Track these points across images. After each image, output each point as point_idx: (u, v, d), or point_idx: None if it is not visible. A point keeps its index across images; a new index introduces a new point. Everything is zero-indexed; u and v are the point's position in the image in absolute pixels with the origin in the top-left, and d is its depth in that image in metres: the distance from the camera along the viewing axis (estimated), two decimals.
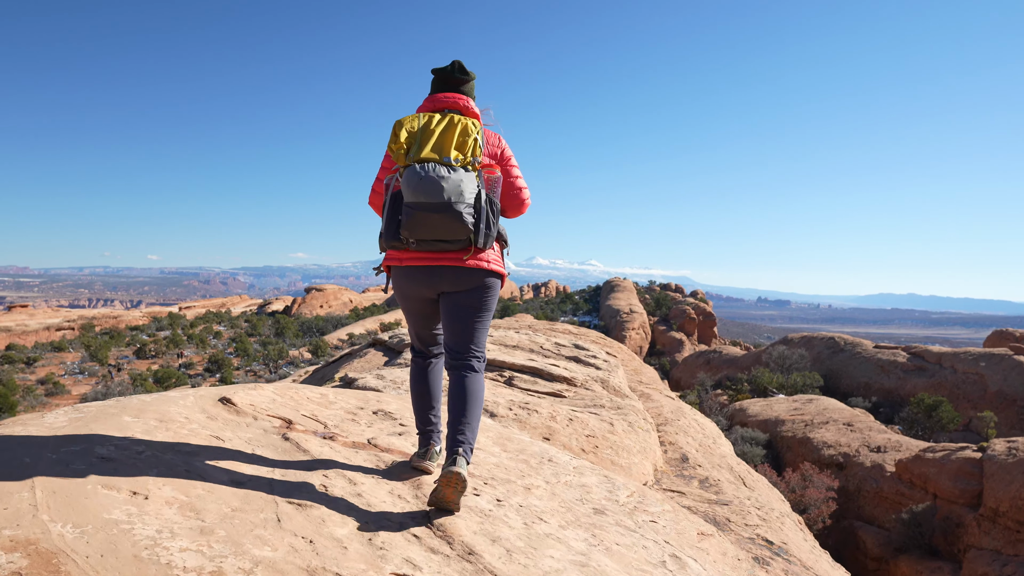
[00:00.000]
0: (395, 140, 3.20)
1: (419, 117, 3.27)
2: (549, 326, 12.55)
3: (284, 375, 57.32)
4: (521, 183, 3.58)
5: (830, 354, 44.25)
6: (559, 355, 7.88)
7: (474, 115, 3.46)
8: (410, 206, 3.12)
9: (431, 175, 3.07)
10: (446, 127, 3.22)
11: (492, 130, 3.56)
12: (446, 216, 3.09)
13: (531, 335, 8.72)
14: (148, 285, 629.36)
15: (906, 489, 18.41)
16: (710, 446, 6.35)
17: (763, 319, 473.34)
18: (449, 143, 3.18)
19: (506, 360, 6.80)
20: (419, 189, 3.07)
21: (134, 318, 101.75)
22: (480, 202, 3.19)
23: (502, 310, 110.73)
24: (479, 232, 3.18)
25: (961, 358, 34.60)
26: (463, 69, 3.52)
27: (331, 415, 4.31)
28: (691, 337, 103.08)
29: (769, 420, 26.30)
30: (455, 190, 3.08)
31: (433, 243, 3.20)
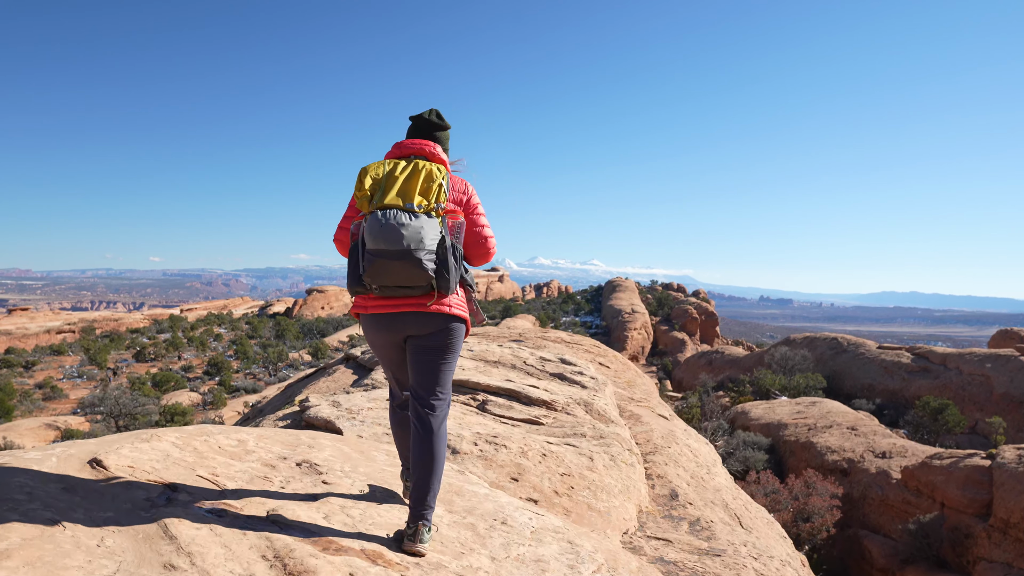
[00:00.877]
0: (359, 187, 3.29)
1: (384, 164, 3.36)
2: (541, 334, 12.01)
3: (283, 377, 57.03)
4: (487, 231, 3.57)
5: (833, 355, 43.76)
6: (543, 371, 7.42)
7: (440, 161, 3.49)
8: (372, 253, 3.16)
9: (391, 222, 3.12)
10: (410, 173, 3.28)
11: (460, 176, 3.58)
12: (406, 263, 3.13)
13: (515, 349, 8.26)
14: (150, 287, 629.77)
15: (912, 497, 17.88)
16: (703, 477, 5.80)
17: (765, 318, 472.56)
18: (413, 189, 3.24)
19: (481, 381, 6.30)
20: (380, 236, 3.12)
21: (135, 320, 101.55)
22: (442, 248, 3.22)
23: (504, 310, 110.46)
24: (441, 278, 3.21)
25: (966, 359, 34.04)
26: (439, 117, 3.61)
27: (241, 471, 3.62)
28: (693, 337, 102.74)
29: (771, 424, 25.84)
30: (415, 237, 3.12)
31: (395, 289, 3.24)
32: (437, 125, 3.59)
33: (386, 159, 3.48)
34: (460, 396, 6.07)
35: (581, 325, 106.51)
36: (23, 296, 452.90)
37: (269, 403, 8.09)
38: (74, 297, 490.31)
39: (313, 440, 4.38)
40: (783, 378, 38.99)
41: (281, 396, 8.04)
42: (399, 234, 3.09)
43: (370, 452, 4.44)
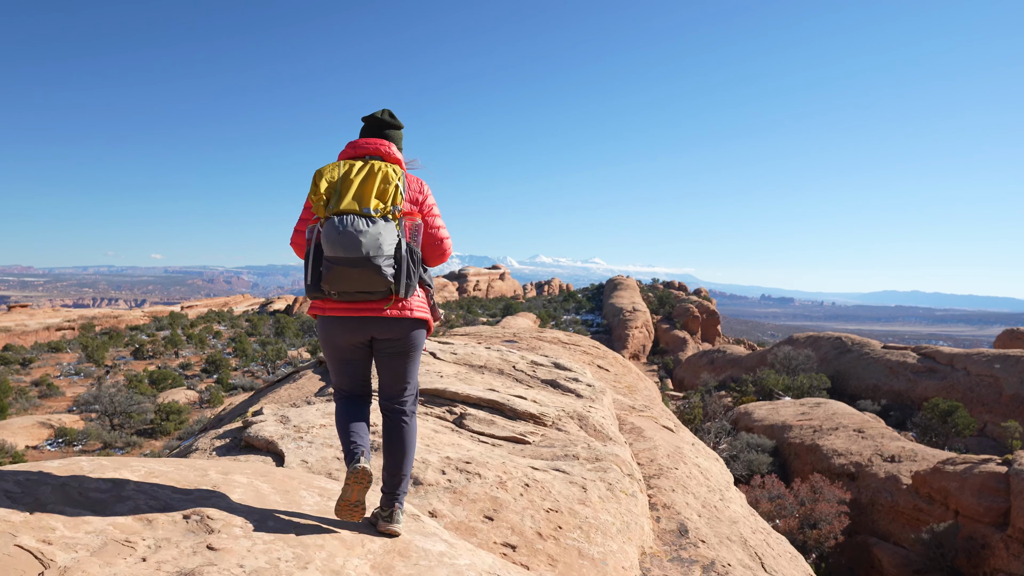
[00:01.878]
0: (315, 191, 3.25)
1: (339, 166, 3.34)
2: (537, 334, 11.36)
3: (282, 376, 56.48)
4: (442, 232, 3.58)
5: (837, 354, 43.10)
6: (533, 377, 6.70)
7: (396, 160, 3.49)
8: (329, 260, 3.16)
9: (349, 229, 3.11)
10: (366, 175, 3.27)
11: (415, 175, 3.59)
12: (365, 270, 3.14)
13: (504, 352, 7.53)
14: (152, 284, 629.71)
15: (924, 504, 17.20)
16: (716, 506, 5.05)
17: (767, 317, 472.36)
18: (369, 192, 3.22)
19: (459, 391, 5.51)
20: (337, 243, 3.12)
21: (135, 318, 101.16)
22: (400, 252, 3.24)
23: (505, 308, 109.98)
24: (400, 282, 3.23)
25: (974, 359, 33.33)
26: (392, 116, 3.60)
27: (95, 532, 2.66)
28: (695, 336, 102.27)
29: (775, 425, 25.22)
30: (373, 244, 3.13)
31: (355, 294, 3.24)
32: (390, 124, 3.57)
33: (340, 159, 3.47)
34: (435, 408, 5.34)
35: (582, 323, 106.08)
36: (25, 293, 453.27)
37: (230, 413, 7.46)
38: (76, 294, 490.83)
39: (226, 476, 3.52)
40: (786, 378, 38.36)
41: (244, 403, 7.40)
42: (357, 241, 3.10)
43: (297, 492, 3.59)
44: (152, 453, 33.38)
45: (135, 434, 38.01)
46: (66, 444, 35.08)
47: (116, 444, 35.38)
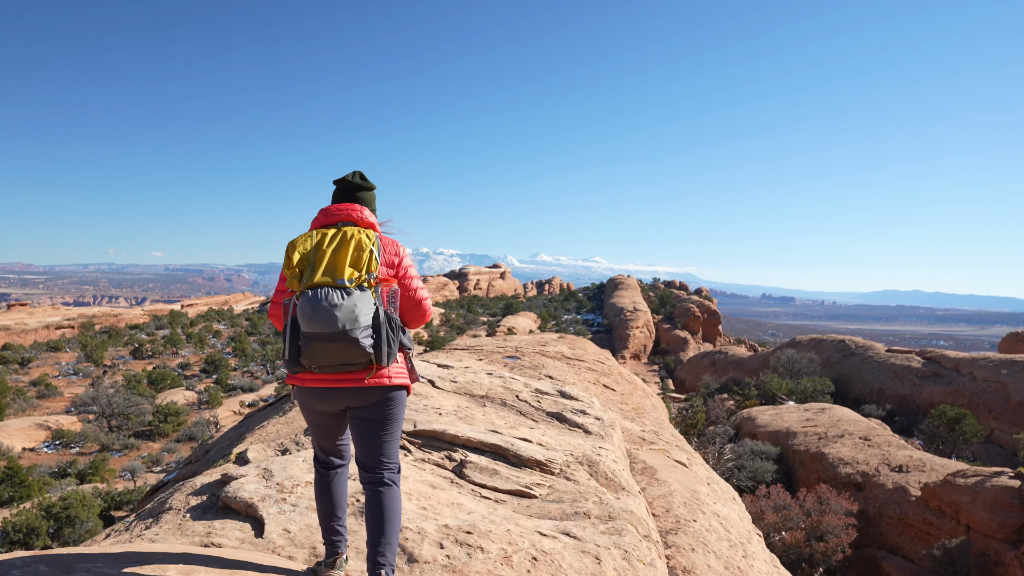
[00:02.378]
0: (288, 265, 3.22)
1: (312, 236, 3.29)
2: (540, 348, 10.91)
3: (281, 376, 56.31)
4: (421, 294, 3.49)
5: (840, 358, 42.68)
6: (538, 409, 6.31)
7: (369, 224, 3.42)
8: (307, 336, 3.11)
9: (323, 304, 3.05)
10: (339, 244, 3.21)
11: (391, 237, 3.52)
12: (343, 344, 3.08)
13: (506, 380, 7.12)
14: (152, 282, 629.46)
15: (934, 517, 16.81)
16: (740, 566, 4.59)
17: (767, 316, 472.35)
18: (343, 262, 3.16)
19: (459, 433, 5.12)
20: (313, 319, 3.06)
21: (134, 316, 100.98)
22: (378, 321, 3.18)
23: (505, 308, 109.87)
24: (380, 352, 3.17)
25: (980, 364, 32.89)
26: (363, 178, 3.53)
27: None
28: (696, 335, 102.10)
29: (780, 432, 24.86)
30: (349, 317, 3.07)
31: (335, 367, 3.17)
32: (361, 187, 3.51)
33: (313, 228, 3.40)
34: (433, 454, 4.96)
35: (583, 323, 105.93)
36: (25, 290, 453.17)
37: (216, 444, 7.01)
38: (76, 292, 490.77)
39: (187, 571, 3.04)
40: (790, 382, 37.99)
41: (233, 433, 6.93)
42: (332, 316, 3.04)
43: None
44: (149, 456, 33.13)
45: (133, 436, 37.78)
46: (63, 446, 34.84)
47: (114, 446, 35.13)
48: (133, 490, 23.55)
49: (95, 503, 19.49)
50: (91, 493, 21.89)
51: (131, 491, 23.40)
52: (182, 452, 33.91)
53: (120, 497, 22.78)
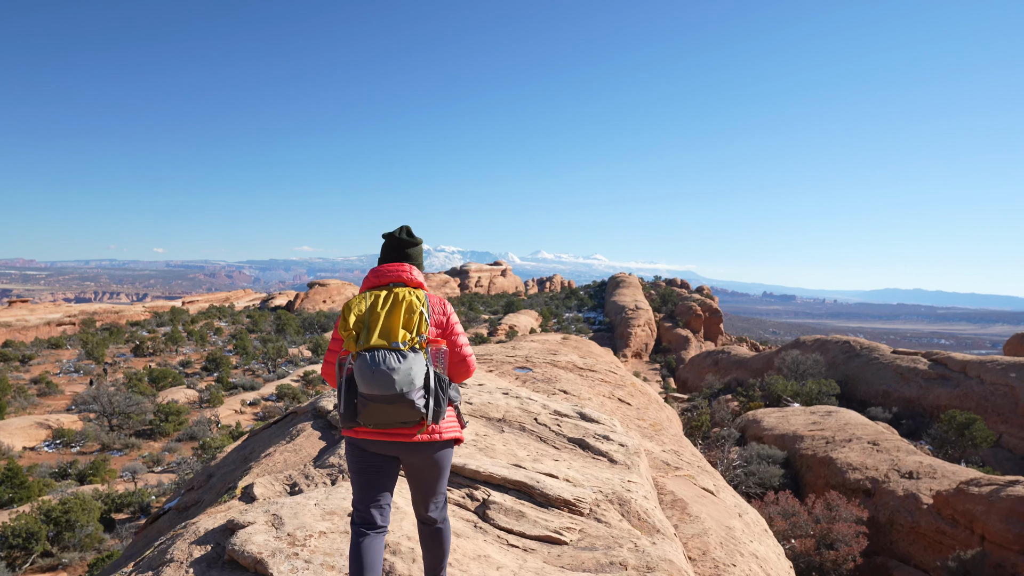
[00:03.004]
0: (344, 327, 3.39)
1: (366, 298, 3.49)
2: (551, 358, 10.59)
3: (283, 374, 56.10)
4: (466, 351, 3.70)
5: (845, 359, 42.38)
6: (559, 434, 6.02)
7: (418, 284, 3.63)
8: (365, 396, 3.28)
9: (381, 368, 3.21)
10: (392, 307, 3.41)
11: (437, 295, 3.69)
12: (399, 405, 3.25)
13: (523, 399, 6.80)
14: (154, 278, 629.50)
15: (947, 527, 16.51)
16: None
17: (768, 314, 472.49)
18: (396, 324, 3.35)
19: (481, 469, 4.78)
20: (372, 382, 3.22)
21: (136, 313, 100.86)
22: (429, 382, 3.34)
23: (507, 305, 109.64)
24: (430, 411, 3.33)
25: (988, 367, 32.57)
26: (410, 234, 3.76)
27: None
28: (697, 334, 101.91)
29: (786, 435, 24.60)
30: (406, 380, 3.23)
31: (388, 425, 3.36)
32: (408, 243, 3.71)
33: (365, 289, 3.62)
34: (454, 492, 4.65)
35: (584, 321, 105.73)
36: (27, 286, 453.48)
37: (220, 467, 6.62)
38: (78, 288, 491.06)
39: None
40: (795, 384, 37.69)
41: (237, 455, 6.59)
42: (391, 379, 3.20)
43: None
44: (150, 455, 32.91)
45: (134, 435, 37.54)
46: (64, 445, 34.62)
47: (114, 446, 34.91)
48: (134, 492, 23.33)
49: (95, 506, 19.28)
50: (91, 495, 21.67)
51: (132, 493, 23.18)
52: (183, 452, 33.70)
53: (121, 499, 22.56)
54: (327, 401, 7.13)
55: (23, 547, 16.50)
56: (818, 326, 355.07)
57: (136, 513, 22.61)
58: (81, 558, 17.15)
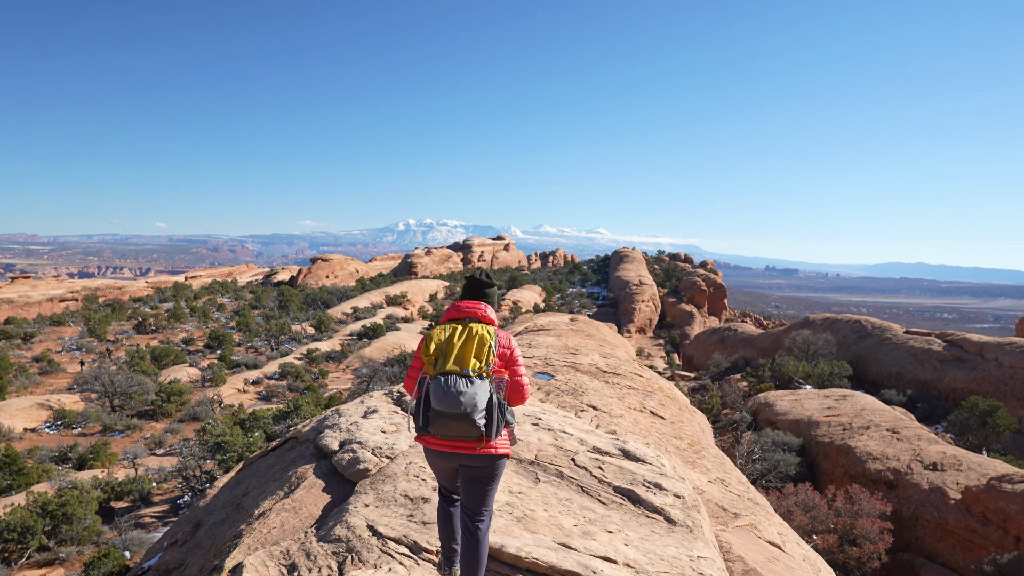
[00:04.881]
0: (425, 352, 4.20)
1: (445, 329, 4.26)
2: (572, 361, 9.82)
3: (286, 352, 55.59)
4: (524, 380, 4.41)
5: (856, 339, 41.66)
6: (603, 482, 5.25)
7: (490, 321, 4.40)
8: (435, 412, 4.03)
9: (452, 390, 3.96)
10: (466, 339, 4.16)
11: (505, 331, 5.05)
12: (463, 423, 3.99)
13: (555, 433, 6.03)
14: (157, 253, 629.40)
15: (978, 525, 15.85)
16: None
17: (771, 288, 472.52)
18: (468, 354, 4.09)
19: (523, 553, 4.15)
20: (443, 401, 3.97)
21: (138, 288, 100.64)
22: (491, 405, 4.06)
23: (510, 280, 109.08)
24: (491, 430, 4.05)
25: (1006, 350, 31.81)
26: (489, 276, 4.57)
27: None
28: (701, 309, 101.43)
29: (801, 420, 24.01)
30: (471, 403, 3.96)
31: (454, 436, 4.10)
32: (487, 284, 4.48)
33: (445, 321, 4.32)
34: None
35: (587, 296, 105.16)
36: (30, 261, 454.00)
37: (209, 514, 5.69)
38: (80, 262, 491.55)
39: None
40: (806, 365, 37.05)
41: (228, 496, 5.71)
42: (458, 400, 3.91)
43: None
44: (152, 437, 32.48)
45: (135, 416, 37.12)
46: (65, 427, 34.20)
47: (116, 427, 34.46)
48: (134, 479, 22.85)
49: (94, 496, 18.79)
50: (90, 483, 21.19)
51: (132, 480, 22.71)
52: (185, 433, 33.28)
53: (121, 487, 22.09)
54: (331, 438, 6.36)
55: (18, 541, 16.02)
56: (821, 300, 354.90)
57: (136, 501, 22.15)
58: (79, 552, 16.67)
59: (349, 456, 5.78)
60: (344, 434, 6.29)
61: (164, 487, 24.05)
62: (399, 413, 6.90)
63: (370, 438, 6.01)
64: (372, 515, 4.65)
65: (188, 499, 21.14)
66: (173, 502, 21.88)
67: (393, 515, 4.66)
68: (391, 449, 5.81)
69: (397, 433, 6.28)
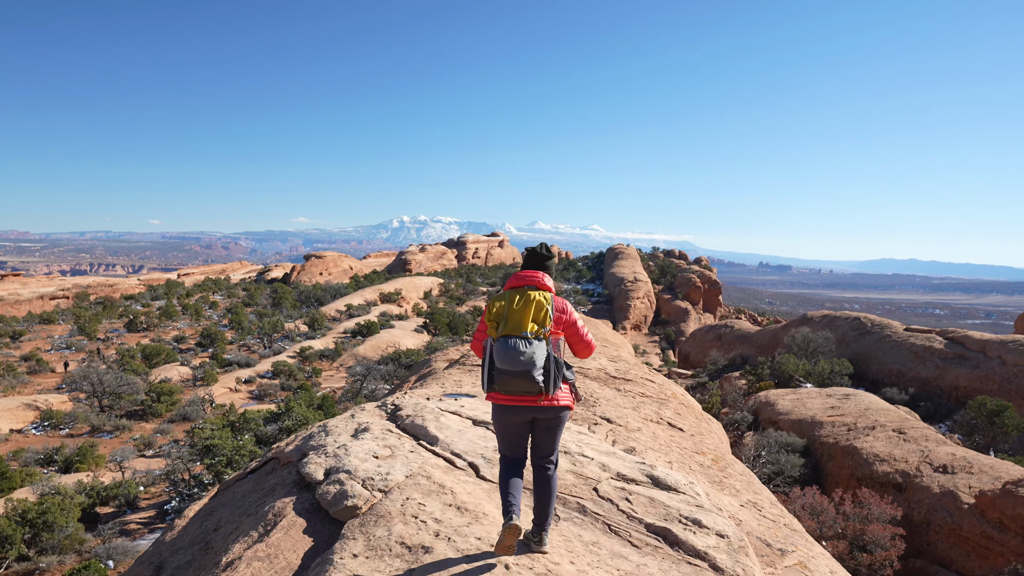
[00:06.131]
0: (488, 315, 4.69)
1: (506, 296, 4.70)
2: (579, 366, 9.20)
3: (279, 350, 54.89)
4: (588, 336, 4.91)
5: (856, 336, 41.13)
6: (633, 517, 4.63)
7: (547, 288, 4.81)
8: (499, 370, 4.46)
9: (513, 351, 4.40)
10: (524, 304, 4.59)
11: (561, 298, 4.88)
12: (524, 379, 4.42)
13: (573, 457, 5.53)
14: (149, 250, 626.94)
15: (995, 531, 15.28)
16: None
17: (764, 284, 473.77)
18: (527, 318, 4.53)
19: None
20: (505, 360, 4.42)
21: (130, 286, 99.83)
22: (548, 363, 4.48)
23: (504, 277, 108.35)
24: (548, 385, 4.46)
25: (1010, 348, 31.27)
26: (547, 249, 5.00)
27: None
28: (696, 306, 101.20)
29: (804, 420, 23.47)
30: (530, 361, 4.39)
31: (518, 392, 4.52)
32: (546, 256, 4.96)
33: (507, 289, 4.82)
34: None
35: (583, 293, 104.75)
36: (21, 258, 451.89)
37: (174, 551, 4.79)
38: (72, 259, 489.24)
39: None
40: (807, 363, 36.52)
41: (197, 529, 4.89)
42: (519, 360, 4.38)
43: None
44: (142, 438, 31.87)
45: (125, 416, 36.49)
46: (52, 428, 33.53)
47: (104, 428, 33.80)
48: (120, 483, 22.21)
49: (76, 502, 18.17)
50: (74, 489, 20.55)
51: (118, 484, 22.07)
52: (175, 433, 32.67)
53: (106, 491, 21.44)
54: (315, 464, 5.51)
55: None
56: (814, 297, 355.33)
57: (122, 507, 21.51)
58: (60, 562, 16.04)
59: (335, 489, 5.05)
60: (330, 460, 5.51)
61: (152, 491, 23.43)
62: (394, 432, 6.16)
63: (360, 466, 5.25)
64: (361, 569, 3.91)
65: (176, 504, 20.52)
66: (160, 507, 21.26)
67: (387, 569, 3.93)
68: (385, 480, 5.06)
69: (392, 459, 5.45)
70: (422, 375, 12.78)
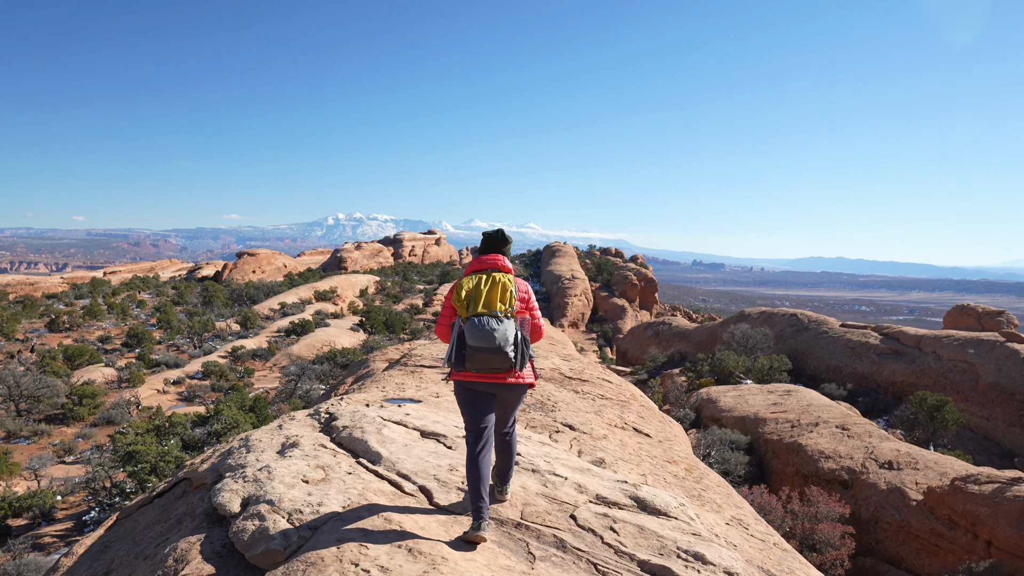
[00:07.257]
0: (457, 298, 4.78)
1: (471, 278, 4.85)
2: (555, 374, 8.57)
3: (209, 350, 53.16)
4: (539, 321, 5.12)
5: (793, 332, 41.48)
6: (622, 553, 3.90)
7: (508, 270, 5.00)
8: (472, 348, 4.58)
9: (486, 328, 4.53)
10: (491, 286, 4.75)
11: (520, 279, 5.08)
12: (497, 355, 4.55)
13: (543, 476, 4.92)
14: (74, 247, 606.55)
15: (945, 529, 15.11)
16: None
17: (698, 282, 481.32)
18: (495, 298, 4.70)
19: None
20: (478, 338, 4.53)
21: (53, 284, 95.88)
22: (518, 341, 4.65)
23: (441, 275, 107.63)
24: (518, 361, 4.63)
25: (944, 343, 31.75)
26: (503, 235, 5.19)
27: None
28: (633, 303, 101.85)
29: (747, 417, 23.29)
30: (503, 338, 4.54)
31: (488, 369, 4.65)
32: (503, 241, 5.14)
33: (469, 272, 4.95)
34: None
35: None
36: None
37: None
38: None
39: None
40: (746, 359, 36.61)
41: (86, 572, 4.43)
42: (492, 336, 4.52)
43: None
44: (62, 443, 30.25)
45: (43, 421, 34.64)
46: None
47: (21, 433, 32.02)
48: (35, 493, 20.85)
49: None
50: None
51: (33, 494, 20.71)
52: (98, 438, 31.12)
53: (19, 502, 20.07)
54: (230, 492, 4.47)
55: None
56: (746, 294, 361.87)
57: (37, 518, 20.17)
58: None
59: (253, 527, 4.03)
60: (250, 486, 4.48)
61: (70, 500, 22.08)
62: (328, 448, 5.27)
63: (286, 494, 4.26)
64: None
65: (95, 514, 19.29)
66: (78, 518, 19.98)
67: None
68: (316, 511, 4.09)
69: (326, 483, 4.50)
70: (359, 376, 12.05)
